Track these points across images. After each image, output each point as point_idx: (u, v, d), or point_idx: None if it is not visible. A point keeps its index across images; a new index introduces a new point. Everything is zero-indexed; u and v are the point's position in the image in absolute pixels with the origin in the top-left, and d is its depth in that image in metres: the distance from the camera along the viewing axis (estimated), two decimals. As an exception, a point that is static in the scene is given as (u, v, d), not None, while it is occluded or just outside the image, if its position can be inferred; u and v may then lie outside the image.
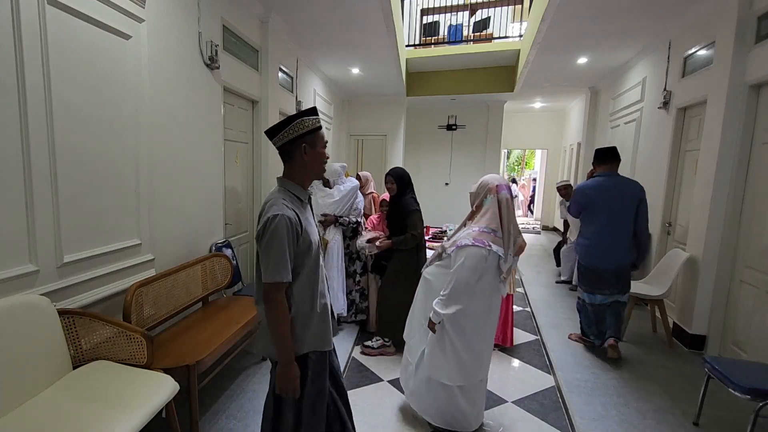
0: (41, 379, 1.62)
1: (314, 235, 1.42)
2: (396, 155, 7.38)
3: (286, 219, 1.29)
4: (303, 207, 1.44)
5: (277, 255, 1.29)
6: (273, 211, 1.31)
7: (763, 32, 2.74)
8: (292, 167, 1.44)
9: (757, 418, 1.92)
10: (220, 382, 2.59)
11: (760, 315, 2.65)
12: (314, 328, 1.43)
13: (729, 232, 2.97)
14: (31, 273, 1.72)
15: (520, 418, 2.33)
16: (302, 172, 1.44)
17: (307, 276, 1.40)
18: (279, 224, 1.28)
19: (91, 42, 1.97)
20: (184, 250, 2.82)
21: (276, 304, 1.33)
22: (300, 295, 1.40)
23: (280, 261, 1.29)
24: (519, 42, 5.84)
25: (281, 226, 1.28)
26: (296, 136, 1.38)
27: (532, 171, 14.70)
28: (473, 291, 1.92)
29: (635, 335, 3.49)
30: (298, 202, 1.42)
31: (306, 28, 4.13)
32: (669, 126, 3.84)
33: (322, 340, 1.46)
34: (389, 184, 3.08)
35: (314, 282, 1.43)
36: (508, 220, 1.94)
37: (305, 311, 1.41)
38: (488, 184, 1.99)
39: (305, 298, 1.41)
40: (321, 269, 1.47)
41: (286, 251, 1.30)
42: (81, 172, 1.95)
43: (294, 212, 1.34)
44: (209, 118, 3.05)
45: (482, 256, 1.86)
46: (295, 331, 1.39)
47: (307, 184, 1.48)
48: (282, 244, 1.29)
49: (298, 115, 1.41)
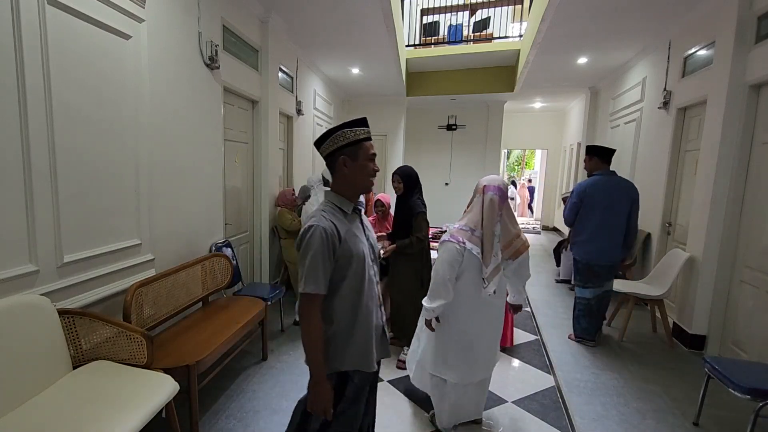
0: (41, 379, 1.62)
1: (358, 248, 1.36)
2: (396, 155, 7.38)
3: (321, 230, 1.27)
4: (347, 219, 1.39)
5: (310, 266, 1.27)
6: (310, 222, 1.30)
7: (763, 32, 2.74)
8: (336, 179, 1.41)
9: (757, 418, 1.92)
10: (220, 382, 2.59)
11: (760, 315, 2.65)
12: (357, 346, 1.37)
13: (729, 232, 2.97)
14: (31, 273, 1.72)
15: (520, 418, 2.33)
16: (345, 184, 1.39)
17: (349, 290, 1.35)
18: (314, 235, 1.27)
19: (91, 42, 1.97)
20: (184, 250, 2.82)
21: (308, 316, 1.30)
22: (340, 309, 1.35)
23: (313, 272, 1.27)
24: (519, 42, 5.84)
25: (316, 238, 1.27)
26: (335, 148, 1.35)
27: (532, 171, 14.70)
28: (456, 287, 1.96)
29: (635, 335, 3.49)
30: (340, 214, 1.38)
31: (306, 28, 4.13)
32: (669, 126, 3.84)
33: (365, 359, 1.39)
34: (396, 183, 2.95)
35: (357, 297, 1.37)
36: (490, 221, 1.95)
37: (346, 326, 1.36)
38: (479, 185, 2.05)
39: (346, 312, 1.36)
40: (369, 285, 1.40)
41: (320, 263, 1.27)
42: (81, 172, 1.95)
43: (332, 224, 1.31)
44: (209, 118, 3.05)
45: (457, 251, 1.92)
46: (335, 347, 1.35)
47: (352, 197, 1.42)
48: (316, 255, 1.26)
49: (340, 126, 1.36)
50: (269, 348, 3.01)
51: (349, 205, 1.41)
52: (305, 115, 5.11)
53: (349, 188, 1.40)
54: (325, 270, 1.28)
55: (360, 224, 1.45)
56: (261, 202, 3.95)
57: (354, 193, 1.41)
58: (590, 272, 3.16)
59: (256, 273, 4.03)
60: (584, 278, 3.19)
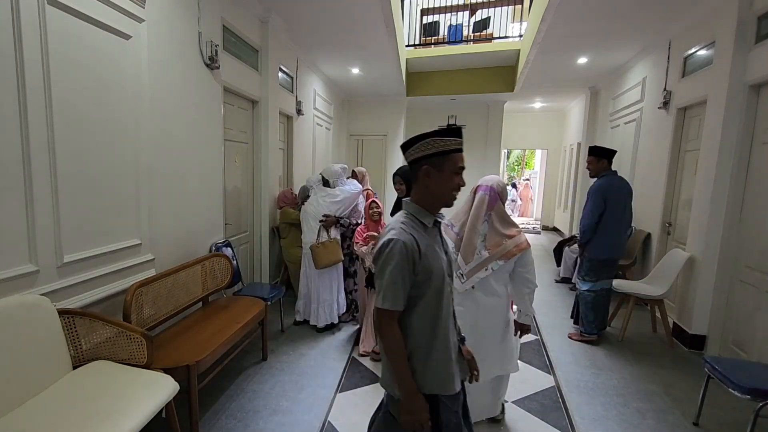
0: (41, 379, 1.62)
1: (438, 264, 1.28)
2: (396, 155, 7.37)
3: (401, 244, 1.21)
4: (426, 233, 1.31)
5: (389, 281, 1.21)
6: (389, 235, 1.24)
7: (763, 32, 2.74)
8: (417, 188, 1.32)
9: (757, 418, 1.92)
10: (220, 382, 2.59)
11: (760, 315, 2.65)
12: (435, 367, 1.29)
13: (729, 232, 2.97)
14: (31, 273, 1.72)
15: (520, 418, 2.33)
16: (426, 195, 1.30)
17: (427, 307, 1.27)
18: (393, 249, 1.20)
19: (91, 42, 1.97)
20: (184, 250, 2.82)
21: (388, 332, 1.24)
22: (418, 327, 1.27)
23: (392, 288, 1.21)
24: (519, 42, 5.83)
25: (396, 252, 1.20)
26: (421, 156, 1.27)
27: (532, 171, 14.70)
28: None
29: (635, 335, 3.49)
30: (420, 227, 1.29)
31: (306, 28, 4.13)
32: (669, 126, 3.84)
33: (445, 381, 1.30)
34: (398, 185, 2.84)
35: (435, 315, 1.29)
36: (475, 218, 2.00)
37: (424, 345, 1.28)
38: (476, 184, 2.09)
39: (424, 331, 1.28)
40: (447, 302, 1.32)
41: (399, 278, 1.21)
42: (81, 171, 1.95)
43: (412, 237, 1.24)
44: (209, 118, 3.05)
45: None
46: (414, 367, 1.27)
47: (433, 209, 1.32)
48: (395, 270, 1.20)
49: (430, 134, 1.27)
50: (269, 348, 3.01)
51: (430, 218, 1.32)
52: (305, 115, 5.11)
53: (430, 200, 1.31)
54: (404, 286, 1.22)
55: (440, 238, 1.37)
56: (261, 202, 3.95)
57: (434, 205, 1.32)
58: (605, 267, 3.27)
59: (256, 273, 4.03)
60: (598, 273, 3.29)
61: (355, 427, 2.21)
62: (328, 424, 2.23)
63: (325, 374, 2.76)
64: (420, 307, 1.27)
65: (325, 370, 2.82)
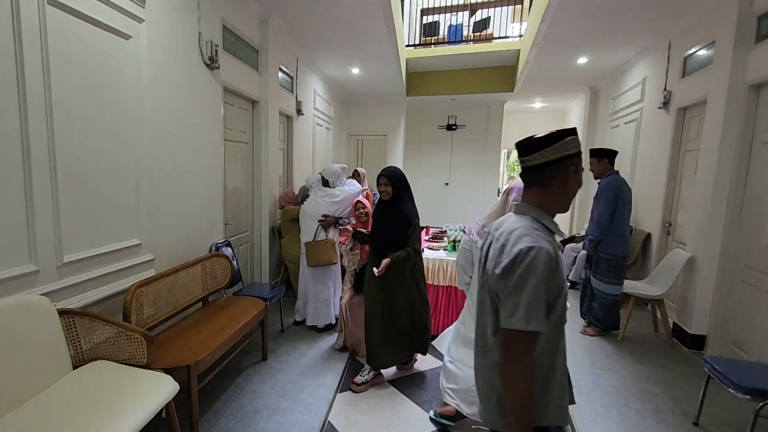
0: (41, 379, 1.62)
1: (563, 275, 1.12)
2: (396, 155, 7.38)
3: (546, 253, 1.03)
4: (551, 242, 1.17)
5: (533, 297, 1.02)
6: (527, 242, 1.04)
7: (763, 32, 2.74)
8: (545, 192, 1.14)
9: (757, 418, 1.92)
10: (220, 382, 2.59)
11: (760, 315, 2.65)
12: (554, 394, 1.13)
13: (729, 232, 2.97)
14: (31, 273, 1.72)
15: (520, 418, 2.33)
16: (559, 198, 1.14)
17: (553, 326, 1.11)
18: (537, 258, 1.02)
19: (91, 42, 1.97)
20: (184, 250, 2.82)
21: (520, 359, 1.05)
22: (541, 348, 1.10)
23: (536, 305, 1.02)
24: (519, 42, 5.83)
25: (540, 262, 1.02)
26: (567, 155, 1.10)
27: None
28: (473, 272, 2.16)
29: (635, 335, 3.49)
30: (548, 235, 1.13)
31: (306, 28, 4.13)
32: (669, 126, 3.84)
33: (562, 411, 1.15)
34: (383, 187, 2.57)
35: (557, 337, 1.14)
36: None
37: (545, 370, 1.12)
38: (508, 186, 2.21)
39: (546, 353, 1.12)
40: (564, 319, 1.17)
41: (543, 294, 1.03)
42: (81, 171, 1.95)
43: (552, 247, 1.08)
44: (209, 117, 3.05)
45: (465, 240, 2.23)
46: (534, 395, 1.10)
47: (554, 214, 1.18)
48: (540, 284, 1.02)
49: (568, 132, 1.12)
50: (269, 348, 3.01)
51: (555, 224, 1.16)
52: (305, 115, 5.11)
53: (559, 203, 1.15)
54: (548, 303, 1.05)
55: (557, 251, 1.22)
56: (261, 202, 3.95)
57: (556, 210, 1.17)
58: (621, 265, 3.31)
59: (256, 273, 4.03)
60: (617, 273, 3.29)
61: (355, 427, 2.21)
62: (328, 424, 2.22)
63: (325, 374, 2.76)
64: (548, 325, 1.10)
65: (325, 370, 2.82)
